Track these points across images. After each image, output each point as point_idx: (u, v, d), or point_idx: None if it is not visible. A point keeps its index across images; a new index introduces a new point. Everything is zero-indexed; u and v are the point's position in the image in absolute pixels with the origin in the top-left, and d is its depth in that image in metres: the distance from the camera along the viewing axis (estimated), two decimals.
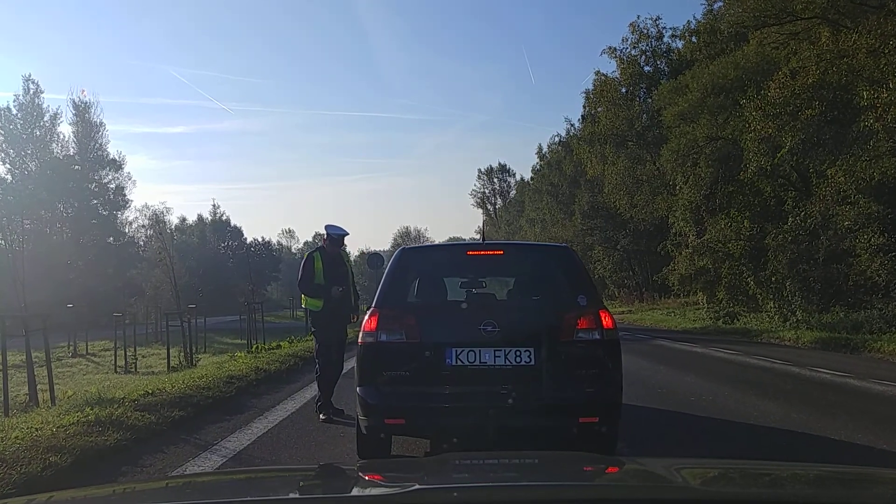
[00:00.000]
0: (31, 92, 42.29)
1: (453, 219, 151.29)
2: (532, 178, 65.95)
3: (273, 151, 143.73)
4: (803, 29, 20.14)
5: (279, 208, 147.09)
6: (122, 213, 49.16)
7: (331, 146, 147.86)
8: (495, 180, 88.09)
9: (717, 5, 28.32)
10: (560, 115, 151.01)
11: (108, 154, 46.87)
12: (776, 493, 1.95)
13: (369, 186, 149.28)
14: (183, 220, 77.20)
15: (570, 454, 3.22)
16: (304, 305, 7.98)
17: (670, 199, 27.85)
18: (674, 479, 1.99)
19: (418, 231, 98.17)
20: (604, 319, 4.84)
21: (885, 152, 15.39)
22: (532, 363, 4.67)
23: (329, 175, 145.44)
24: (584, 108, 40.71)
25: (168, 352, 14.59)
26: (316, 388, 7.52)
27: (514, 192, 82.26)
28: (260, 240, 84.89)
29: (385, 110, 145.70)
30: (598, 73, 36.11)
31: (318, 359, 7.46)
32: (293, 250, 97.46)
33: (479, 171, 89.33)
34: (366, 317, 4.92)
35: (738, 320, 22.10)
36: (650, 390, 8.90)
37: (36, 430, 5.60)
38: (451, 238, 72.84)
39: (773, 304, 20.03)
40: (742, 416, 7.14)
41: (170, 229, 65.59)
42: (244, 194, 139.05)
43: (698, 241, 24.26)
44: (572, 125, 50.40)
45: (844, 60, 16.87)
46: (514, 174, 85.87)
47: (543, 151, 62.32)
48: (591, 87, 37.55)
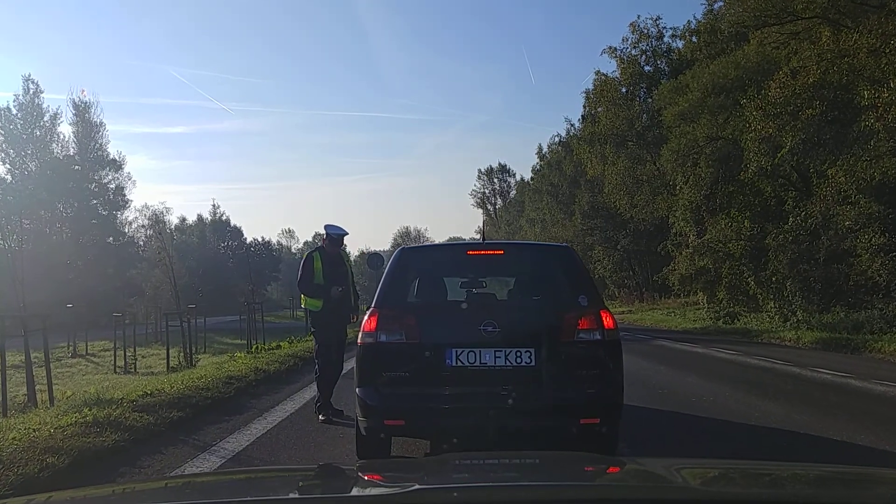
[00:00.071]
0: (31, 92, 42.40)
1: (453, 219, 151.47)
2: (532, 178, 65.98)
3: (273, 151, 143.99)
4: (804, 28, 20.12)
5: (279, 208, 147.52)
6: (122, 213, 49.29)
7: (331, 146, 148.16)
8: (495, 180, 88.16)
9: (718, 5, 28.36)
10: (560, 115, 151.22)
11: (108, 154, 46.97)
12: (776, 493, 1.95)
13: (369, 186, 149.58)
14: (183, 220, 77.44)
15: (570, 454, 3.20)
16: (303, 305, 7.96)
17: (670, 199, 27.83)
18: (674, 479, 1.99)
19: (418, 231, 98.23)
20: (605, 320, 4.81)
21: (886, 152, 15.38)
22: (532, 364, 4.64)
23: (329, 175, 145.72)
24: (584, 108, 40.78)
25: (167, 352, 14.56)
26: (315, 388, 7.50)
27: (514, 192, 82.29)
28: (260, 240, 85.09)
29: (385, 110, 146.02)
30: (598, 73, 36.14)
31: (318, 359, 7.44)
32: (293, 250, 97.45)
33: (479, 171, 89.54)
34: (365, 317, 4.89)
35: (739, 320, 22.10)
36: (651, 391, 8.88)
37: (33, 430, 5.58)
38: (451, 238, 72.69)
39: (773, 305, 20.02)
40: (743, 416, 7.12)
41: (169, 229, 65.83)
42: (244, 194, 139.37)
43: (698, 241, 24.26)
44: (572, 125, 50.48)
45: (845, 60, 16.86)
46: (514, 174, 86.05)
47: (543, 151, 62.40)
48: (591, 87, 37.63)
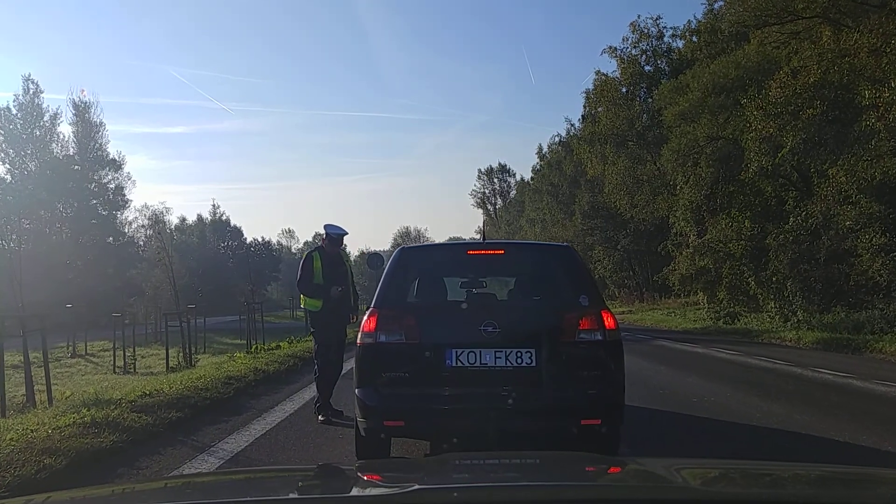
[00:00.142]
0: (31, 92, 42.32)
1: (453, 219, 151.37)
2: (532, 178, 66.00)
3: (273, 151, 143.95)
4: (804, 28, 20.11)
5: (279, 208, 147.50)
6: (122, 213, 49.17)
7: (331, 146, 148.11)
8: (495, 180, 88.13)
9: (718, 4, 28.35)
10: (560, 115, 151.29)
11: (107, 154, 46.87)
12: (777, 493, 1.94)
13: (369, 186, 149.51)
14: (183, 220, 77.35)
15: (570, 454, 3.18)
16: (302, 305, 7.94)
17: (671, 199, 27.82)
18: (674, 479, 1.98)
19: (418, 231, 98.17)
20: (606, 320, 4.77)
21: (887, 152, 15.36)
22: (533, 364, 4.61)
23: (329, 175, 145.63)
24: (584, 107, 40.75)
25: (167, 352, 14.53)
26: (315, 389, 7.47)
27: (514, 192, 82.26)
28: (260, 240, 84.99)
29: (385, 110, 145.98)
30: (598, 73, 36.14)
31: (317, 359, 7.42)
32: (293, 250, 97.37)
33: (479, 171, 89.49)
34: (365, 317, 4.86)
35: (739, 320, 22.09)
36: (652, 391, 8.86)
37: (31, 431, 5.56)
38: (451, 238, 72.65)
39: (773, 305, 20.00)
40: (745, 417, 7.10)
41: (169, 229, 65.75)
42: (244, 194, 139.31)
43: (699, 241, 24.25)
44: (572, 125, 50.48)
45: (846, 60, 16.84)
46: (514, 174, 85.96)
47: (543, 151, 62.43)
48: (591, 86, 37.63)
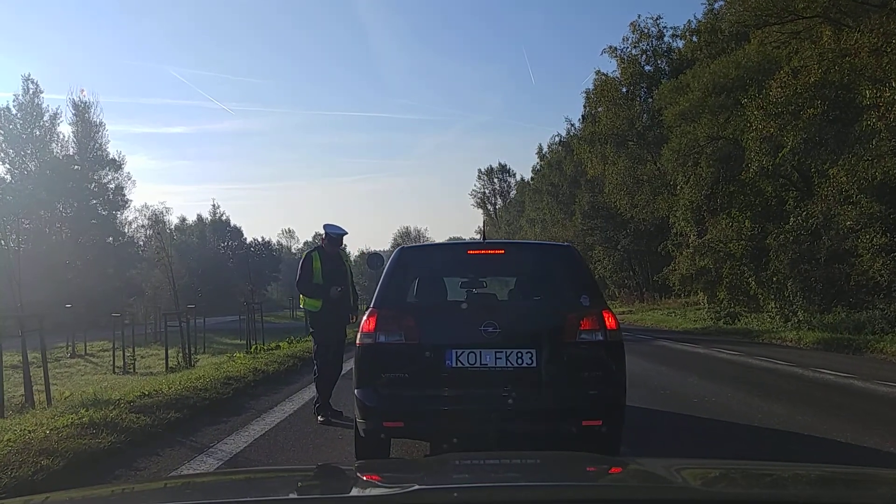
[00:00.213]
0: (31, 92, 42.32)
1: (453, 219, 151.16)
2: (532, 178, 65.98)
3: (273, 151, 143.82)
4: (805, 28, 20.10)
5: (279, 208, 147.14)
6: (122, 213, 49.20)
7: (330, 146, 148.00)
8: (495, 180, 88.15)
9: (718, 4, 28.33)
10: (560, 115, 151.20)
11: (107, 154, 46.89)
12: (778, 493, 1.94)
13: (369, 186, 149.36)
14: (183, 220, 77.26)
15: (570, 454, 3.17)
16: (302, 305, 7.91)
17: (671, 199, 27.80)
18: (674, 479, 1.98)
19: (418, 231, 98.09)
20: (607, 320, 4.75)
21: (888, 152, 15.33)
22: (533, 365, 4.59)
23: (329, 175, 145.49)
24: (584, 107, 40.68)
25: (166, 352, 14.52)
26: (314, 389, 7.45)
27: (514, 192, 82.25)
28: (260, 240, 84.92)
29: (385, 110, 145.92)
30: (598, 73, 36.06)
31: (317, 359, 7.39)
32: (293, 250, 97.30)
33: (479, 171, 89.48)
34: (364, 317, 4.84)
35: (740, 321, 22.08)
36: (653, 392, 8.83)
37: (29, 432, 5.54)
38: (451, 238, 72.61)
39: (774, 305, 19.98)
40: (746, 417, 7.08)
41: (169, 229, 65.79)
42: (244, 194, 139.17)
43: (699, 241, 24.22)
44: (572, 125, 50.40)
45: (846, 59, 16.82)
46: (514, 174, 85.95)
47: (543, 151, 62.39)
48: (591, 86, 37.54)
